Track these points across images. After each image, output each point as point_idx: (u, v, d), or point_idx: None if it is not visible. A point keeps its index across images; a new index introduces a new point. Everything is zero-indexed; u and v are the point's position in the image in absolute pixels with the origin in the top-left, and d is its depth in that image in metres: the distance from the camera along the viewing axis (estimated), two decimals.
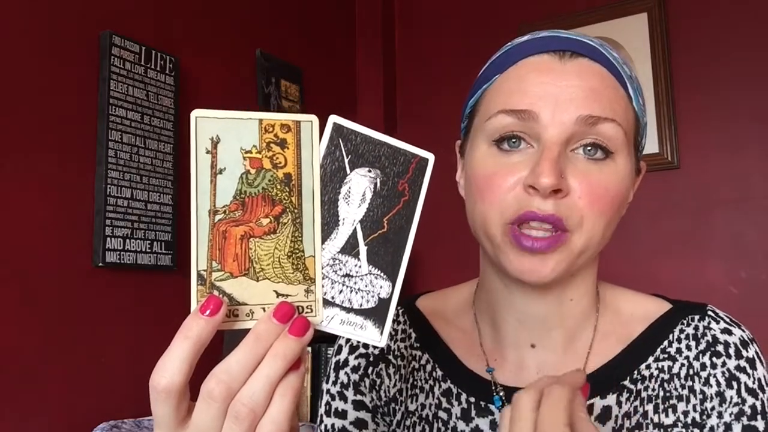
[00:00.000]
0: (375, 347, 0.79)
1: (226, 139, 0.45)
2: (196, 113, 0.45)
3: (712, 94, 2.23)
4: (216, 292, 0.44)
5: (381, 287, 0.49)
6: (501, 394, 0.72)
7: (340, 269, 0.48)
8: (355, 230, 0.48)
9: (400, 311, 0.83)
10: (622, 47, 2.32)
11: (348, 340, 0.80)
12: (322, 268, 0.47)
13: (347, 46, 2.79)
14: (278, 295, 0.45)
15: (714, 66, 2.23)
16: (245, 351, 0.43)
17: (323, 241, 0.47)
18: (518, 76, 0.68)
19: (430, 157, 0.50)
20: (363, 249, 0.48)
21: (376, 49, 2.78)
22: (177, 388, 0.43)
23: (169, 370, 0.42)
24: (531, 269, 0.64)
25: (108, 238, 1.74)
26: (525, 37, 0.71)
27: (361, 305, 0.48)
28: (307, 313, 0.46)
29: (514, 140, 0.66)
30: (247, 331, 0.44)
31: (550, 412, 0.53)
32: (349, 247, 0.48)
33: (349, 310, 0.48)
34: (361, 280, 0.48)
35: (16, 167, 1.59)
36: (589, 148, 0.65)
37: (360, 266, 0.48)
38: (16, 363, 1.56)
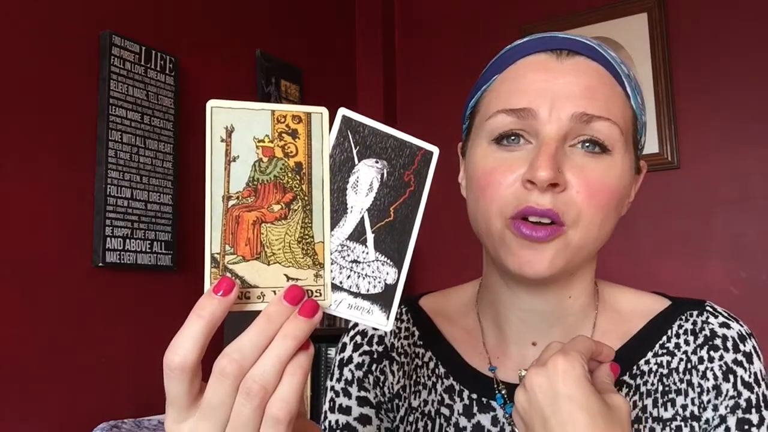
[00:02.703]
0: (378, 345, 0.80)
1: (239, 129, 0.47)
2: (211, 103, 0.47)
3: (712, 93, 2.24)
4: (229, 275, 0.45)
5: (387, 273, 0.50)
6: (503, 392, 0.73)
7: (348, 255, 0.49)
8: (362, 218, 0.50)
9: (403, 309, 0.83)
10: (622, 47, 2.33)
11: (352, 338, 0.81)
12: (331, 254, 0.48)
13: (347, 46, 2.80)
14: (288, 278, 0.47)
15: (714, 66, 2.24)
16: (257, 331, 0.44)
17: (332, 228, 0.49)
18: (516, 75, 0.69)
19: (435, 150, 0.52)
20: (370, 236, 0.50)
21: (376, 49, 2.79)
22: (190, 365, 0.43)
23: (182, 347, 0.43)
24: (529, 261, 0.65)
25: (108, 238, 1.74)
26: (523, 39, 0.73)
27: (368, 290, 0.49)
28: (316, 296, 0.47)
29: (513, 137, 0.68)
30: (255, 314, 0.45)
31: (574, 343, 0.62)
32: (357, 235, 0.49)
33: (356, 294, 0.49)
34: (369, 266, 0.49)
35: (16, 167, 1.59)
36: (587, 144, 0.66)
37: (367, 253, 0.49)
38: (16, 363, 1.56)
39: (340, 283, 0.49)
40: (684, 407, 0.70)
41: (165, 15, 2.00)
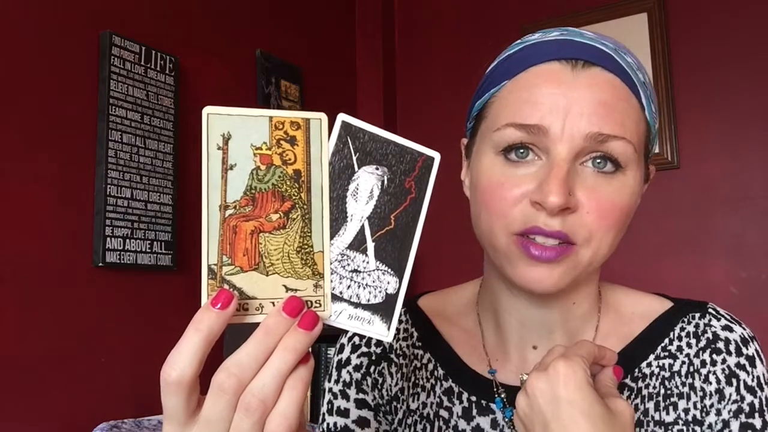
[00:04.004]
0: (377, 346, 0.79)
1: (237, 136, 0.45)
2: (207, 110, 0.45)
3: (712, 94, 2.24)
4: (226, 286, 0.44)
5: (388, 283, 0.49)
6: (503, 395, 0.72)
7: (348, 265, 0.48)
8: (362, 227, 0.49)
9: (402, 310, 0.82)
10: None
11: (350, 339, 0.81)
12: (331, 264, 0.47)
13: (347, 46, 2.79)
14: (287, 289, 0.46)
15: (714, 66, 2.24)
16: (255, 344, 0.44)
17: (332, 237, 0.48)
18: (528, 85, 0.66)
19: (436, 156, 0.51)
20: (370, 245, 0.49)
21: (376, 49, 2.78)
22: (188, 380, 0.43)
23: (180, 362, 0.42)
24: (538, 279, 0.64)
25: (108, 238, 1.73)
26: (535, 36, 0.69)
27: (368, 300, 0.49)
28: (315, 307, 0.46)
29: (522, 150, 0.65)
30: (255, 326, 0.44)
31: (576, 347, 0.62)
32: (357, 243, 0.49)
33: (357, 305, 0.48)
34: (369, 275, 0.49)
35: (16, 167, 1.59)
36: (598, 161, 0.64)
37: (368, 262, 0.49)
38: (17, 363, 1.55)
39: (340, 293, 0.48)
40: (686, 411, 0.70)
41: (165, 15, 2.00)
